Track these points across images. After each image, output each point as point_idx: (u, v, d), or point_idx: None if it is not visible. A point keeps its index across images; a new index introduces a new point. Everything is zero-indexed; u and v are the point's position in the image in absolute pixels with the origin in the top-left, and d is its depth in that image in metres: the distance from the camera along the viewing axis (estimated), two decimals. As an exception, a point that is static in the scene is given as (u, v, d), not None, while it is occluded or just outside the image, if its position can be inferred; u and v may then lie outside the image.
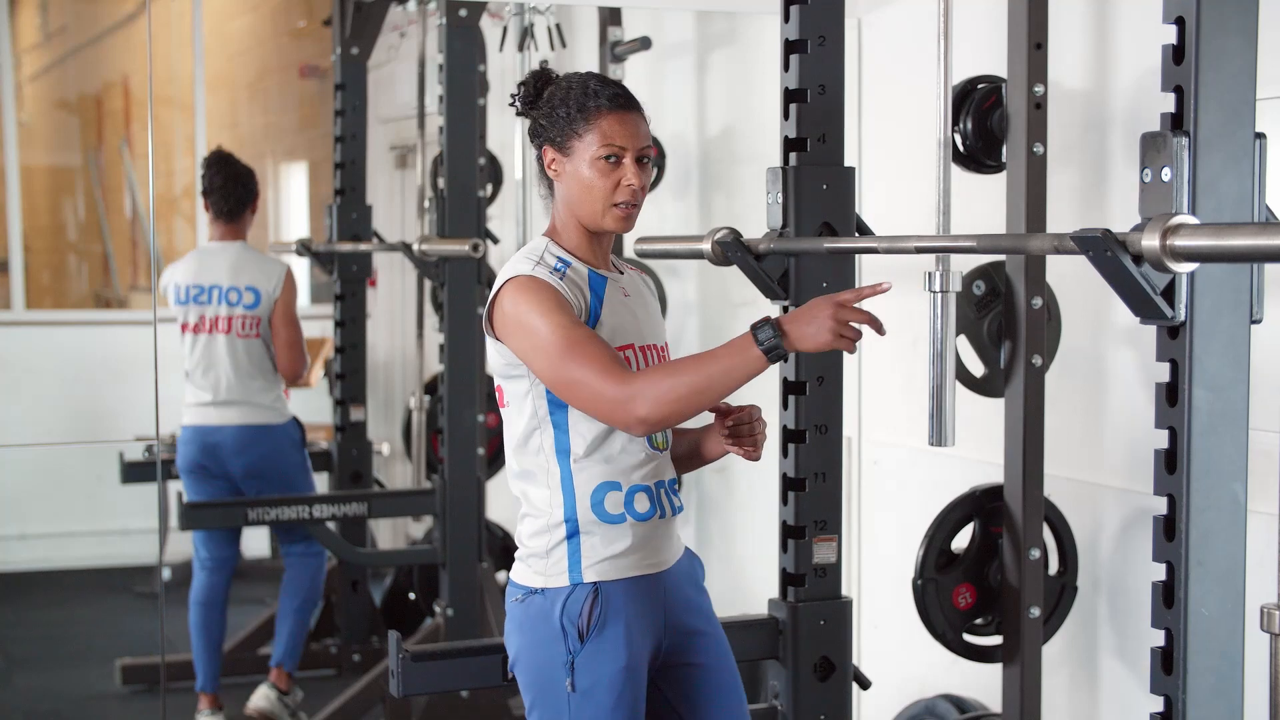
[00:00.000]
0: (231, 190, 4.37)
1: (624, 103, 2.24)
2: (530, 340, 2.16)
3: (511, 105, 2.35)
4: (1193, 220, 1.94)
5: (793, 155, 2.80)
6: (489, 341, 2.26)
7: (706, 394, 2.08)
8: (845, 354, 2.56)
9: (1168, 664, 2.22)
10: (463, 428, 4.23)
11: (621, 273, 2.36)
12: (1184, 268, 1.96)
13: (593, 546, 2.22)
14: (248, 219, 4.44)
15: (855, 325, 2.05)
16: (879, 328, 2.07)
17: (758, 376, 2.09)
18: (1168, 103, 2.15)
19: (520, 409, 2.25)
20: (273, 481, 4.39)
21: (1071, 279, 3.05)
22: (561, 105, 2.24)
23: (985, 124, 3.01)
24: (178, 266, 4.44)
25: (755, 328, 2.07)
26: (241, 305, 4.34)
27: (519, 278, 2.20)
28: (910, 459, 3.84)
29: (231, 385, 4.33)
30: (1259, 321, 2.23)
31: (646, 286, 2.41)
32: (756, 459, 2.34)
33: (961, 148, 3.03)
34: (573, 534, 2.22)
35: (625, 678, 2.22)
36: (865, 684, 3.00)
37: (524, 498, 2.29)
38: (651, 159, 2.28)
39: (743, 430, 2.31)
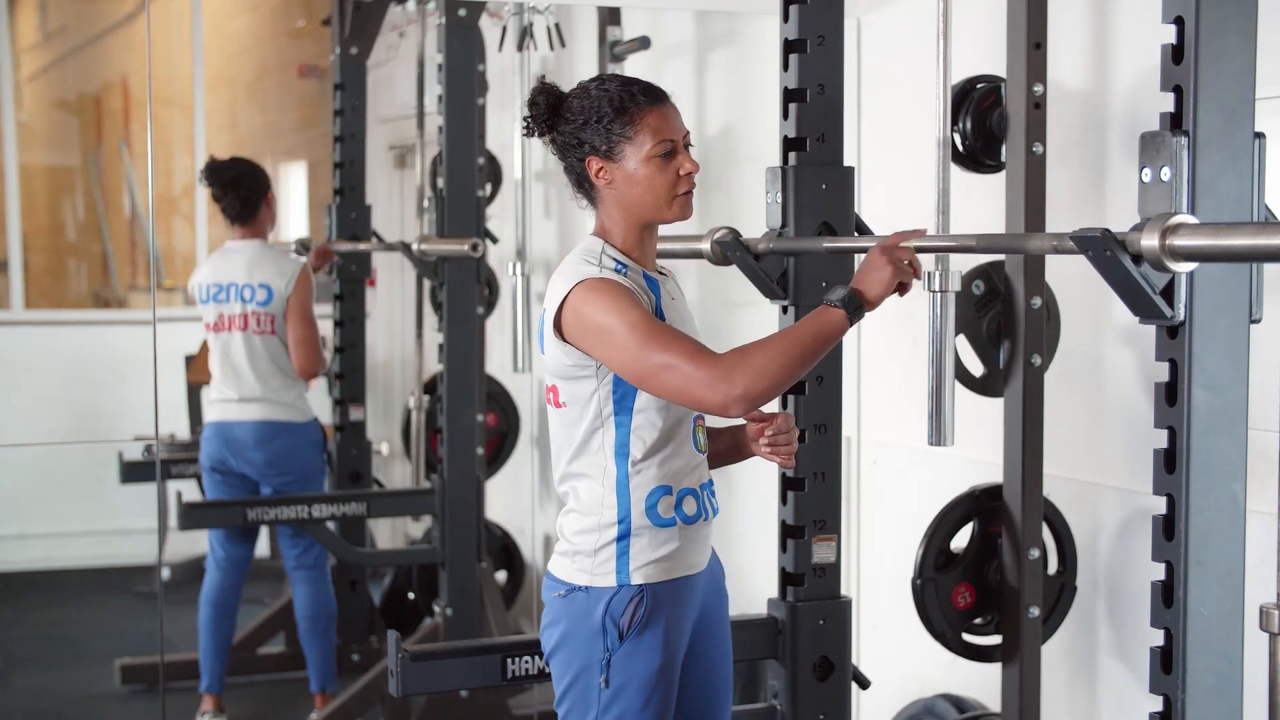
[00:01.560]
0: (234, 194, 4.35)
1: (660, 96, 2.29)
2: (609, 338, 2.16)
3: (525, 131, 2.33)
4: (1192, 220, 1.94)
5: (792, 155, 2.80)
6: (552, 344, 2.24)
7: (801, 360, 2.13)
8: (844, 352, 2.57)
9: (1167, 664, 2.22)
10: (462, 427, 4.22)
11: (664, 274, 2.39)
12: (1183, 267, 1.96)
13: (641, 549, 2.24)
14: (264, 216, 4.42)
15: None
16: (919, 268, 2.24)
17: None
18: (1167, 102, 2.15)
19: (583, 410, 2.25)
20: (290, 480, 4.38)
21: (1071, 279, 3.04)
22: (597, 113, 2.23)
23: (984, 124, 3.01)
24: (202, 266, 4.47)
25: (825, 296, 2.19)
26: (255, 302, 4.33)
27: (588, 280, 2.20)
28: (909, 459, 3.84)
29: (250, 382, 4.32)
30: (1258, 321, 2.23)
31: (678, 289, 2.44)
32: (792, 466, 2.37)
33: (961, 147, 3.03)
34: (624, 535, 2.24)
35: (659, 679, 2.25)
36: (864, 684, 3.00)
37: (572, 494, 2.29)
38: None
39: (781, 440, 2.31)
